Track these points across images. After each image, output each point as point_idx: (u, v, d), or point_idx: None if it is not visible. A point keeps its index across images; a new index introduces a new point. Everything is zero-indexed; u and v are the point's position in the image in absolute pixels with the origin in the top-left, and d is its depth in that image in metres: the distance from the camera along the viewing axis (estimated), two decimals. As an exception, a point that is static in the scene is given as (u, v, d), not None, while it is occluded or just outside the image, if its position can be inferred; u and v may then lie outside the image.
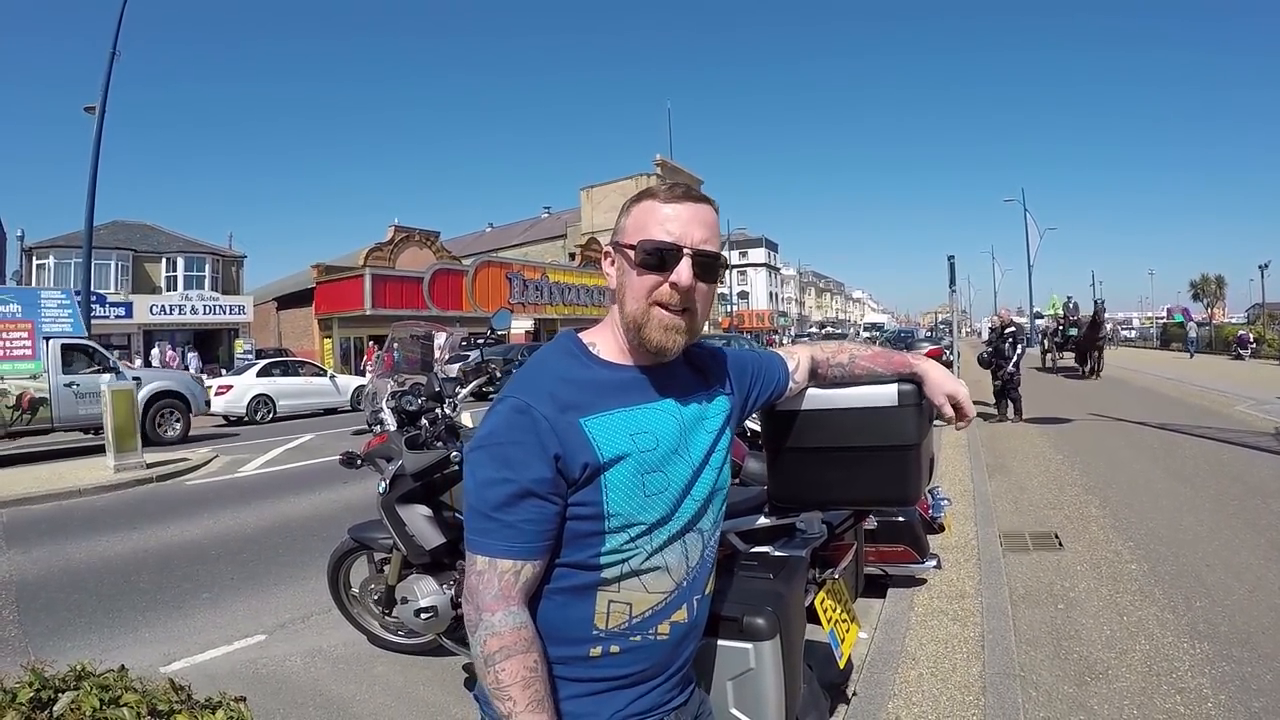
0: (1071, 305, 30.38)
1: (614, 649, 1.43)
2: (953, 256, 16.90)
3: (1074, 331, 27.25)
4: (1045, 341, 32.05)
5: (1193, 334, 41.79)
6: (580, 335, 1.56)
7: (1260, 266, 59.34)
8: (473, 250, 52.30)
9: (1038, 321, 73.90)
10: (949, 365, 13.88)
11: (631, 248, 1.45)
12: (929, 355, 8.96)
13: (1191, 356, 38.16)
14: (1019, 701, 3.73)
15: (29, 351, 14.95)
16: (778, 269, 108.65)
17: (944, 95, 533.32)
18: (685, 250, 1.42)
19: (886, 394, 1.94)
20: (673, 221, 1.43)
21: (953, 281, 16.72)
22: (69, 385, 15.08)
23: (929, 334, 37.55)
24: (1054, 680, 4.03)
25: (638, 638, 1.44)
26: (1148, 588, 5.32)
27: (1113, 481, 8.80)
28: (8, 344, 14.81)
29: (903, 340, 31.64)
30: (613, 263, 1.53)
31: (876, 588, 5.08)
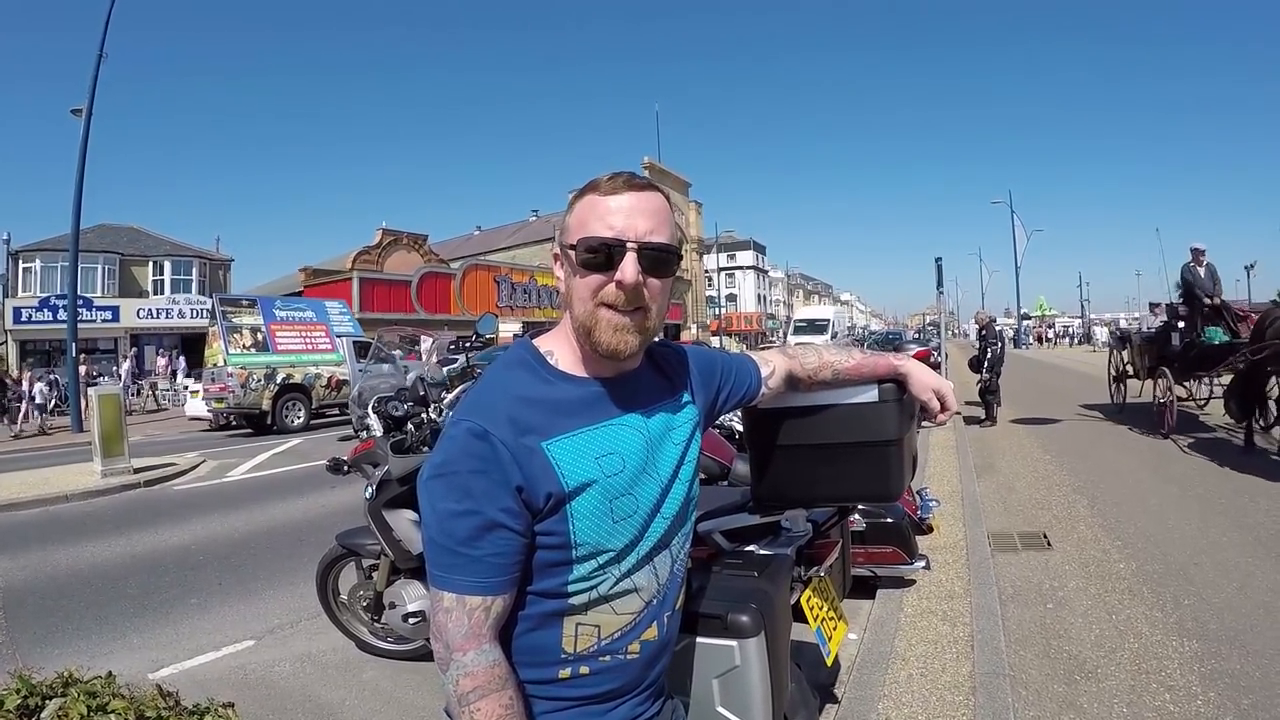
0: (1204, 269, 12.25)
1: (583, 670, 1.39)
2: (940, 258, 16.99)
3: (1221, 334, 11.74)
4: (1129, 358, 14.63)
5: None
6: (536, 342, 1.47)
7: (1246, 267, 59.62)
8: (461, 253, 52.28)
9: (1034, 321, 74.33)
10: (937, 367, 13.91)
11: (574, 248, 1.36)
12: (917, 357, 8.95)
13: None
14: (1009, 701, 3.73)
15: (329, 346, 20.41)
16: (766, 271, 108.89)
17: (931, 95, 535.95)
18: (629, 244, 1.32)
19: (867, 391, 1.96)
20: (615, 214, 1.33)
21: (940, 283, 16.79)
22: (362, 370, 18.90)
23: (916, 335, 37.20)
24: (1044, 679, 4.03)
25: (607, 658, 1.40)
26: (1136, 586, 5.33)
27: (1101, 481, 8.82)
28: (314, 342, 20.44)
29: (890, 342, 30.15)
30: (562, 266, 1.42)
31: (866, 589, 5.09)
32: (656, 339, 1.51)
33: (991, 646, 4.32)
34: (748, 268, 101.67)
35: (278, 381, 18.98)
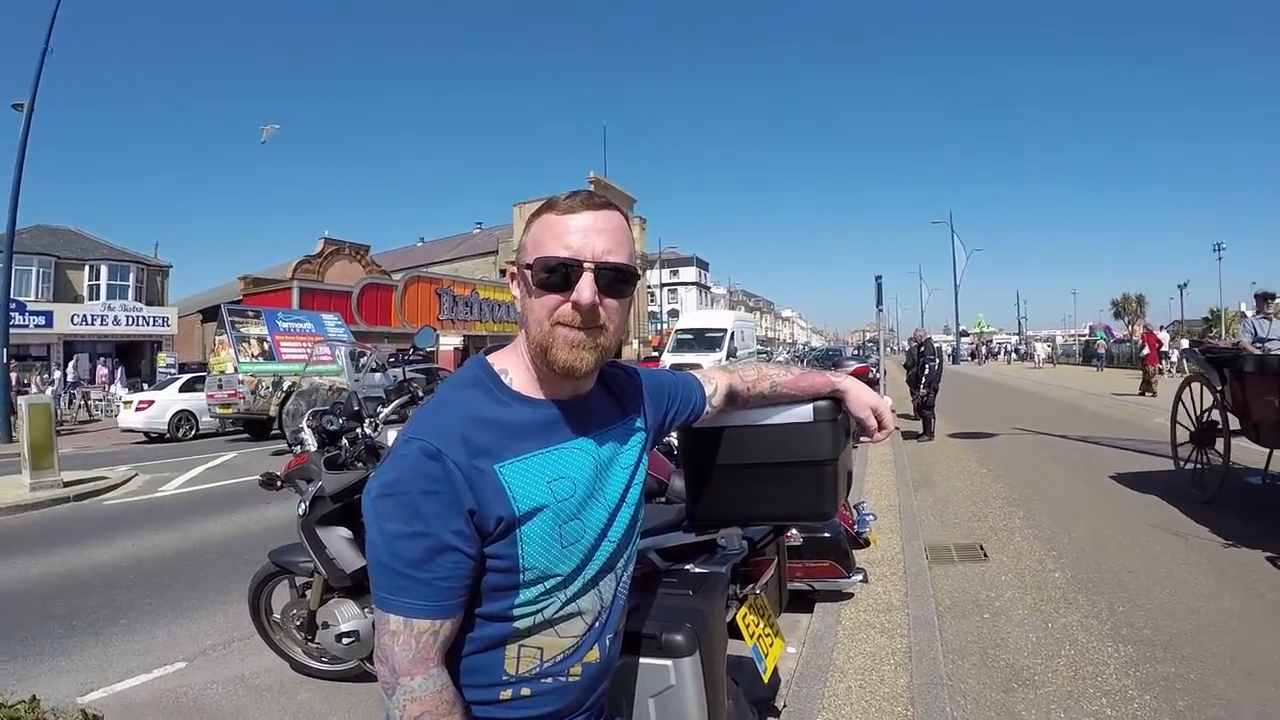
0: None
1: (525, 691, 1.38)
2: (880, 277, 17.24)
3: None
4: (1233, 398, 7.86)
5: (1101, 350, 45.83)
6: (490, 359, 1.45)
7: (1179, 286, 62.24)
8: (403, 265, 51.91)
9: (972, 338, 75.74)
10: (875, 383, 14.08)
11: (530, 267, 1.34)
12: (855, 373, 9.12)
13: (1099, 370, 41.29)
14: (947, 710, 3.78)
15: (329, 357, 20.53)
16: (708, 287, 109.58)
17: (873, 119, 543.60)
18: (586, 265, 1.31)
19: (802, 410, 1.96)
20: (572, 234, 1.32)
21: (880, 301, 17.03)
22: (357, 379, 18.92)
23: (856, 352, 37.31)
24: (981, 688, 4.10)
25: (549, 680, 1.39)
26: (1071, 595, 5.45)
27: (1036, 493, 9.00)
28: (316, 353, 20.88)
29: (830, 358, 29.61)
30: (518, 285, 1.41)
31: (804, 603, 5.12)
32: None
33: (929, 657, 4.38)
34: (690, 284, 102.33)
35: (284, 389, 19.38)
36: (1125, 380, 29.03)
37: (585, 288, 1.30)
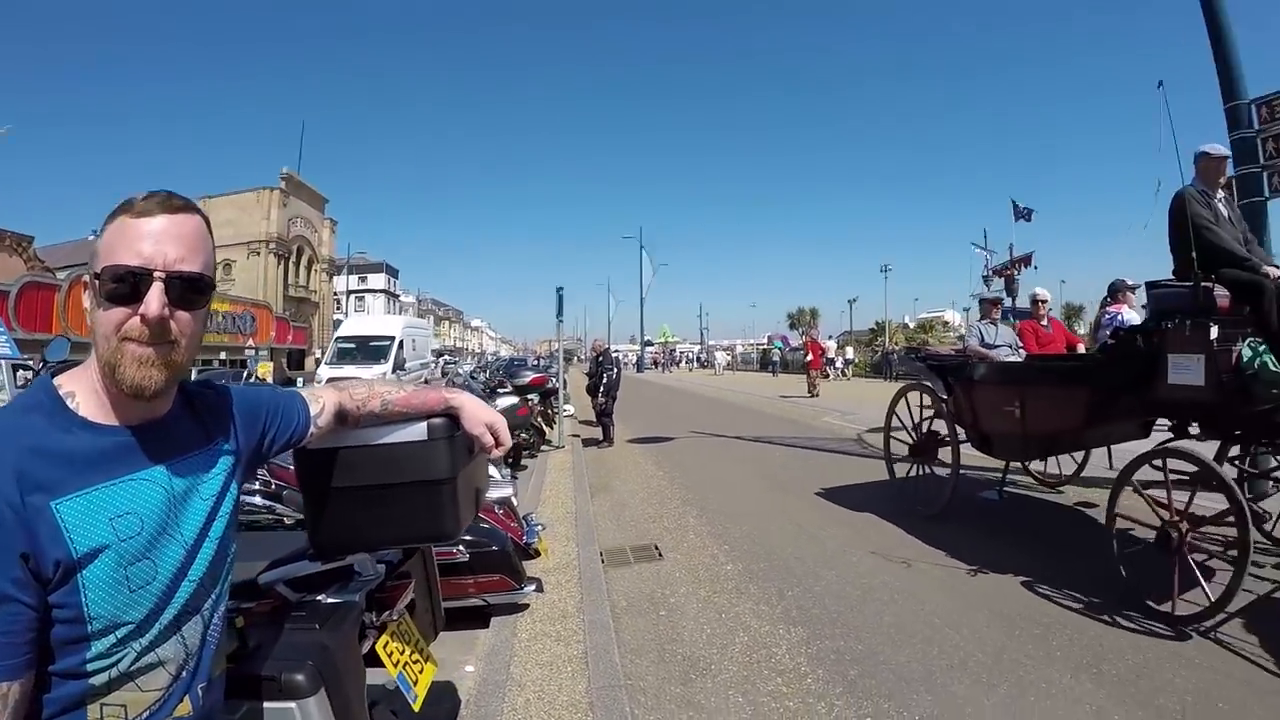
0: (1221, 194, 5.56)
1: None
2: (561, 288, 17.40)
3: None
4: (962, 404, 7.19)
5: (775, 358, 51.24)
6: (57, 381, 1.30)
7: (850, 300, 70.03)
8: (74, 261, 46.32)
9: (657, 348, 79.33)
10: (555, 392, 14.27)
11: (99, 277, 1.23)
12: (534, 382, 9.17)
13: (775, 375, 46.09)
14: (626, 709, 3.82)
15: None
16: (397, 295, 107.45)
17: (564, 138, 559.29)
18: (156, 274, 1.21)
19: (417, 429, 1.91)
20: (144, 239, 1.22)
21: (560, 312, 17.22)
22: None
23: (538, 362, 37.44)
24: (660, 683, 4.18)
25: None
26: (743, 585, 5.72)
27: (710, 493, 9.43)
28: None
29: (513, 368, 29.21)
30: (89, 296, 1.29)
31: (480, 618, 5.02)
32: (195, 378, 1.42)
33: (606, 660, 4.42)
34: (379, 291, 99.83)
35: None
36: (796, 384, 31.54)
37: (154, 299, 1.22)
